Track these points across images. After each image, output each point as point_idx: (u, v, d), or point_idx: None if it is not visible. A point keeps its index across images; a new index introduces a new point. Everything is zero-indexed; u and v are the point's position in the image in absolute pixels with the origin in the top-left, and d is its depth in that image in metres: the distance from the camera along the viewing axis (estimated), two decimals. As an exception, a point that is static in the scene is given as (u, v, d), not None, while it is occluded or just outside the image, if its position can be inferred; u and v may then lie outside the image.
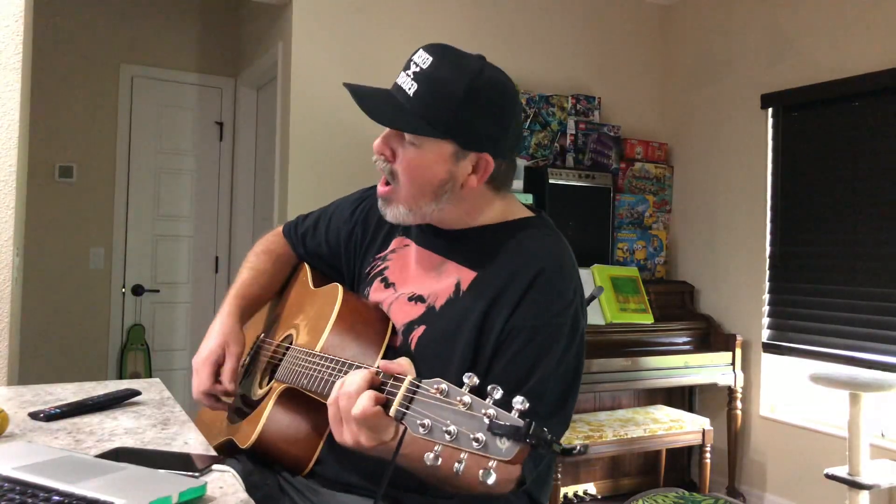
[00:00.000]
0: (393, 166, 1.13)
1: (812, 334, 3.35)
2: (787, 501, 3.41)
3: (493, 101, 1.10)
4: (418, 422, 0.81)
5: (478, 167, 1.12)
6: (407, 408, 0.84)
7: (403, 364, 0.93)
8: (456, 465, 0.77)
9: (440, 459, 0.79)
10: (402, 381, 0.88)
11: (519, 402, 0.76)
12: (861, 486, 2.66)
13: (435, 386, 0.82)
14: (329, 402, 0.94)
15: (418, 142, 1.10)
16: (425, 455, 0.79)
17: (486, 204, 1.18)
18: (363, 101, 1.10)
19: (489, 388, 0.78)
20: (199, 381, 1.27)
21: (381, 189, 1.17)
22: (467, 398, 0.79)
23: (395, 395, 0.87)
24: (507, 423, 0.75)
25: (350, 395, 0.90)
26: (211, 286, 4.39)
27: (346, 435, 0.92)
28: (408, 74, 1.10)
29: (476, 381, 0.81)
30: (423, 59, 1.09)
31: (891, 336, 3.03)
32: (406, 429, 0.84)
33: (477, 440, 0.76)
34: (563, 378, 1.08)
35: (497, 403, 0.78)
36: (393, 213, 1.18)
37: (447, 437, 0.78)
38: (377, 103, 1.11)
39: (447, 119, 1.07)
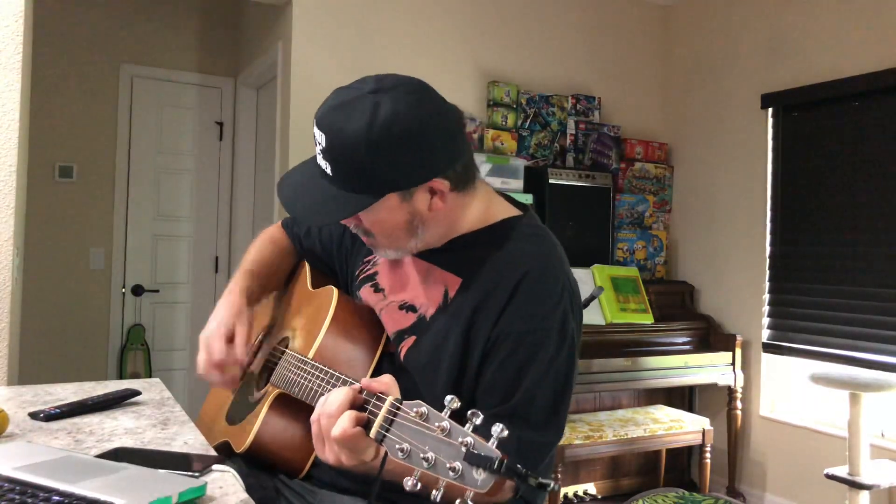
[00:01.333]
0: (363, 227, 1.12)
1: (812, 334, 3.35)
2: (787, 501, 3.41)
3: (400, 138, 1.00)
4: (397, 446, 0.80)
5: (433, 191, 1.07)
6: (387, 430, 0.83)
7: (387, 382, 0.92)
8: (434, 491, 0.76)
9: (419, 485, 0.78)
10: (384, 400, 0.86)
11: (497, 430, 0.74)
12: (861, 486, 2.66)
13: (415, 409, 0.81)
14: (312, 419, 0.94)
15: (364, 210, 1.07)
16: (405, 480, 0.78)
17: (462, 210, 1.13)
18: (293, 207, 1.10)
19: (469, 413, 0.77)
20: (211, 352, 1.21)
21: (364, 239, 1.17)
22: (446, 423, 0.77)
23: (376, 415, 0.86)
24: (483, 454, 0.73)
25: (331, 415, 0.89)
26: (211, 286, 4.39)
27: (327, 454, 0.92)
28: (319, 153, 1.06)
29: (457, 404, 0.79)
30: (320, 136, 1.04)
31: (891, 336, 3.03)
32: (387, 451, 0.83)
33: (454, 469, 0.74)
34: (554, 383, 1.05)
35: (477, 430, 0.76)
36: (384, 254, 1.19)
37: (425, 464, 0.77)
38: (305, 204, 1.09)
39: (369, 182, 1.03)
